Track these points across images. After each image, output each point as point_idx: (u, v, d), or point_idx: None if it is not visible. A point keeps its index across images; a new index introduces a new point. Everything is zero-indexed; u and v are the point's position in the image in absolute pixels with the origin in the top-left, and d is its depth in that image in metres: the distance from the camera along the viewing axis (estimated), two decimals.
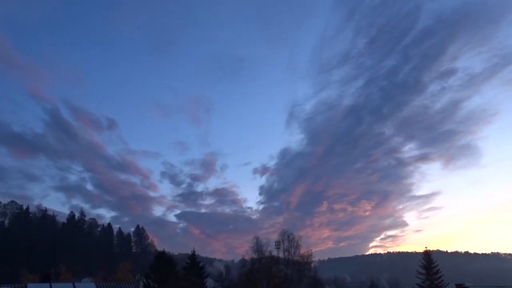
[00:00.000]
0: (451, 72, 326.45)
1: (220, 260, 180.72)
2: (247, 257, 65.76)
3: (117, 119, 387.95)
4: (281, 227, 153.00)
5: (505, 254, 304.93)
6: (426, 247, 73.42)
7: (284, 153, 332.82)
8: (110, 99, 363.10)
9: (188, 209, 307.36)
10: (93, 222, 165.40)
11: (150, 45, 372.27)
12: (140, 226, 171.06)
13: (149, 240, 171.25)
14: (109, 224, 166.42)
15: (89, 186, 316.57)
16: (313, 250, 67.81)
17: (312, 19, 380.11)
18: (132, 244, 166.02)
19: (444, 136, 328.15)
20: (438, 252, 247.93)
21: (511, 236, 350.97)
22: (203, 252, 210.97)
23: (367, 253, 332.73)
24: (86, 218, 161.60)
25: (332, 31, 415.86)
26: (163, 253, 64.38)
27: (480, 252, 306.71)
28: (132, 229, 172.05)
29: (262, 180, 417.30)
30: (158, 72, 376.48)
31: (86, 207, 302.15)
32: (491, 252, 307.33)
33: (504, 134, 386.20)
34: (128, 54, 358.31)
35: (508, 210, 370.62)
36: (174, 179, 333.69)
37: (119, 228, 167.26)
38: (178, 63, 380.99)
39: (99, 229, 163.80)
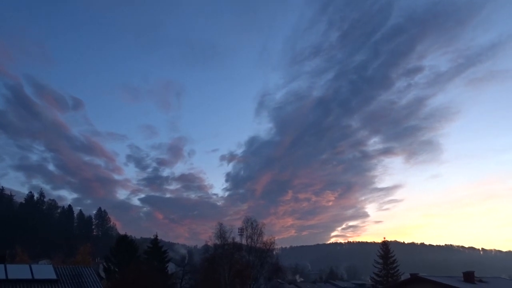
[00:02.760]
0: (418, 70, 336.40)
1: (183, 245, 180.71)
2: (210, 243, 65.92)
3: (84, 99, 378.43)
4: (246, 214, 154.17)
5: (457, 246, 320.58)
6: (384, 238, 76.14)
7: (252, 141, 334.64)
8: (77, 79, 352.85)
9: (153, 194, 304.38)
10: (53, 204, 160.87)
11: (122, 27, 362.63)
12: (102, 209, 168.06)
13: (111, 223, 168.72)
14: (69, 206, 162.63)
15: (51, 167, 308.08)
16: (276, 238, 68.79)
17: (286, 11, 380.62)
18: (93, 227, 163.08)
19: (408, 132, 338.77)
20: (396, 243, 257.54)
21: (464, 229, 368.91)
22: (166, 237, 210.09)
23: (328, 242, 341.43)
24: (46, 199, 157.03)
25: (306, 24, 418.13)
26: (125, 237, 63.63)
27: (435, 244, 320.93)
28: (94, 212, 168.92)
29: (229, 167, 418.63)
30: (129, 55, 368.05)
31: (46, 188, 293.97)
32: (445, 244, 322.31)
33: (464, 132, 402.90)
34: (99, 34, 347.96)
35: (463, 205, 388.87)
36: (140, 163, 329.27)
37: (80, 211, 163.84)
38: (150, 47, 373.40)
39: (59, 210, 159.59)
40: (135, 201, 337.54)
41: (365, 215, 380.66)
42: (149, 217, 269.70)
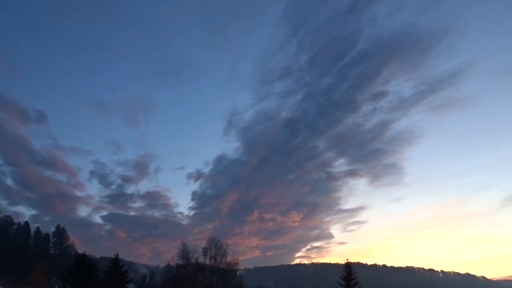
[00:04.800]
0: (383, 95, 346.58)
1: (145, 265, 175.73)
2: (172, 263, 64.75)
3: (48, 112, 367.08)
4: (211, 234, 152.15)
5: (418, 268, 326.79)
6: (347, 259, 76.83)
7: (220, 160, 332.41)
8: (42, 91, 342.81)
9: (116, 211, 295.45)
10: (9, 220, 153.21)
11: (92, 40, 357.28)
12: (61, 226, 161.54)
13: (70, 241, 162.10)
14: (26, 222, 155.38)
15: (9, 181, 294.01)
16: (240, 258, 68.28)
17: (258, 32, 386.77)
18: (50, 245, 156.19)
19: (373, 154, 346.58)
20: (359, 264, 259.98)
21: (424, 251, 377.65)
22: (127, 256, 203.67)
23: (293, 263, 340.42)
24: (1, 215, 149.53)
25: (276, 45, 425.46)
26: (83, 256, 61.48)
27: (396, 266, 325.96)
28: (53, 229, 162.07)
29: (195, 186, 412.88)
30: (98, 68, 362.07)
31: (3, 203, 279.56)
32: (406, 266, 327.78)
33: (425, 156, 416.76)
34: (67, 47, 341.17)
35: (423, 228, 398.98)
36: (104, 179, 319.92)
37: (37, 228, 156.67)
38: (119, 61, 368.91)
39: (14, 227, 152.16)
40: (97, 218, 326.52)
41: (330, 236, 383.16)
42: (110, 235, 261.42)
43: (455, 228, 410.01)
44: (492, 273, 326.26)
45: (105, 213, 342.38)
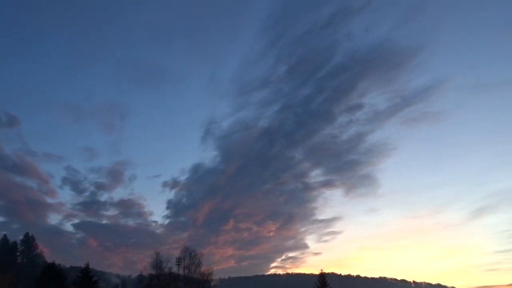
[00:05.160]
0: (358, 107, 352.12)
1: (117, 275, 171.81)
2: (145, 273, 63.49)
3: (20, 116, 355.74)
4: (185, 243, 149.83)
5: (390, 278, 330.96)
6: (322, 270, 77.11)
7: (196, 168, 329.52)
8: (14, 94, 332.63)
9: (88, 219, 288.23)
10: None
11: (68, 45, 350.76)
12: (30, 234, 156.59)
13: (39, 250, 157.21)
14: None
15: None
16: (215, 268, 67.57)
17: (238, 42, 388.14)
18: (18, 254, 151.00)
19: (348, 165, 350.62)
20: (333, 274, 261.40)
21: (397, 262, 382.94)
22: (99, 265, 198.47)
23: (268, 273, 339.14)
24: None
25: (255, 56, 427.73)
26: (52, 265, 59.74)
27: (370, 276, 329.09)
28: (21, 237, 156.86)
29: (171, 194, 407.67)
30: (73, 73, 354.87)
31: None
32: (379, 276, 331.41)
33: (399, 168, 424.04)
34: (42, 50, 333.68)
35: (397, 238, 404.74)
36: (76, 186, 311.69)
37: (5, 235, 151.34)
38: (96, 67, 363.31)
39: None
40: (68, 226, 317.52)
41: (305, 246, 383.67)
42: (82, 244, 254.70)
43: (427, 239, 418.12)
44: (462, 284, 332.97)
45: (76, 221, 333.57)
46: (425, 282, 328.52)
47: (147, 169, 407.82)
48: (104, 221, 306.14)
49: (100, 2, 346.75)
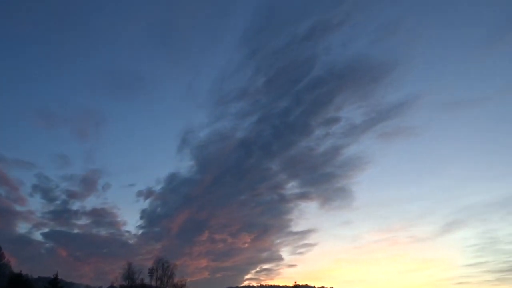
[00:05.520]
0: (335, 120, 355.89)
1: (87, 286, 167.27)
2: (116, 284, 62.20)
3: None
4: (159, 254, 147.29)
5: None
6: (295, 282, 77.24)
7: (172, 178, 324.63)
8: None
9: (58, 228, 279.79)
10: None
11: (42, 49, 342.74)
12: None
13: (5, 259, 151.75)
14: None
15: None
16: (188, 280, 66.76)
17: (217, 52, 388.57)
18: None
19: (324, 178, 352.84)
20: (307, 286, 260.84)
21: (371, 274, 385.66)
22: (68, 276, 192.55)
23: (241, 285, 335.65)
24: None
25: (234, 66, 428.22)
26: (19, 276, 58.05)
27: None
28: None
29: (145, 204, 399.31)
30: (47, 79, 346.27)
31: None
32: None
33: (374, 181, 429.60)
34: (14, 54, 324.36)
35: (370, 251, 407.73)
36: (47, 194, 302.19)
37: None
38: (71, 72, 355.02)
39: None
40: (37, 235, 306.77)
41: (279, 258, 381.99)
42: (51, 254, 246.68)
43: (400, 252, 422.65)
44: None
45: (46, 230, 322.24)
46: None
47: (122, 178, 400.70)
48: (76, 231, 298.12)
49: (77, 7, 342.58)
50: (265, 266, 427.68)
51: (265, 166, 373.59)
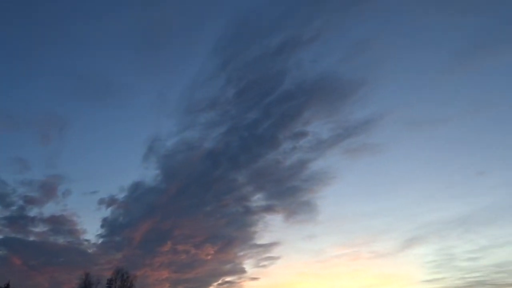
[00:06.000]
0: (302, 135, 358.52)
1: None
2: None
3: None
4: (119, 264, 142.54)
5: None
6: None
7: (136, 186, 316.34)
8: None
9: (13, 235, 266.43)
10: None
11: (6, 49, 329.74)
12: None
13: None
14: None
15: None
16: None
17: (188, 61, 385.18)
18: None
19: (290, 191, 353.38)
20: None
21: None
22: (21, 286, 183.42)
23: None
24: None
25: (205, 76, 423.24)
26: None
27: None
28: None
29: (107, 212, 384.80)
30: (8, 80, 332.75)
31: None
32: None
33: (338, 196, 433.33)
34: None
35: (333, 266, 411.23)
36: (3, 199, 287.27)
37: None
38: (36, 75, 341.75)
39: None
40: None
41: (242, 271, 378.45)
42: (3, 262, 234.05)
43: (362, 267, 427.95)
44: None
45: (0, 236, 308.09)
46: None
47: (84, 185, 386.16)
48: (32, 238, 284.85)
49: (45, 7, 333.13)
50: (228, 279, 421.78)
51: (232, 177, 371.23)
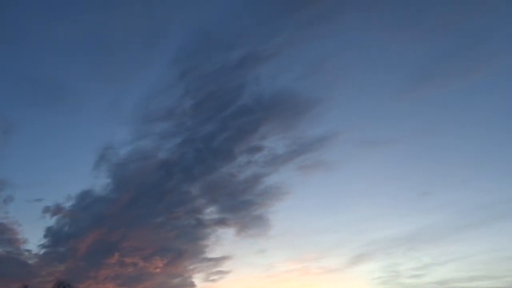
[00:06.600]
0: (258, 149, 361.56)
1: None
2: None
3: None
4: (61, 276, 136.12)
5: None
6: None
7: (85, 195, 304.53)
8: None
9: None
10: None
11: None
12: None
13: None
14: None
15: None
16: None
17: (147, 69, 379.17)
18: None
19: (243, 205, 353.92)
20: None
21: None
22: None
23: None
24: None
25: (163, 86, 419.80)
26: None
27: None
28: None
29: (51, 221, 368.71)
30: None
31: None
32: None
33: (290, 212, 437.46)
34: None
35: (283, 281, 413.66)
36: None
37: None
38: None
39: None
40: None
41: (191, 285, 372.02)
42: None
43: (311, 282, 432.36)
44: None
45: None
46: None
47: (28, 192, 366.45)
48: None
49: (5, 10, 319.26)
50: None
51: (185, 189, 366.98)
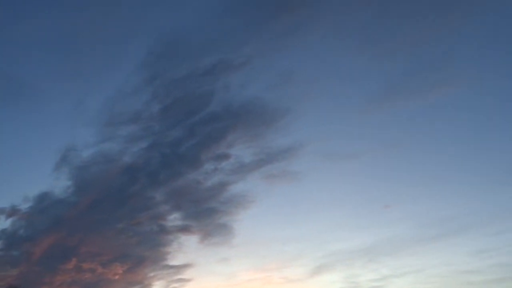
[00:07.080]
0: (225, 157, 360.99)
1: None
2: None
3: None
4: (13, 281, 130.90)
5: None
6: None
7: (43, 197, 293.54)
8: None
9: None
10: None
11: None
12: None
13: None
14: None
15: None
16: None
17: (114, 71, 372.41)
18: None
19: (207, 213, 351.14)
20: None
21: None
22: None
23: None
24: None
25: (130, 89, 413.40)
26: None
27: None
28: None
29: (6, 223, 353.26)
30: None
31: None
32: None
33: (255, 220, 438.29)
34: None
35: None
36: None
37: None
38: None
39: None
40: None
41: None
42: None
43: None
44: None
45: None
46: None
47: None
48: None
49: None
50: None
51: (149, 194, 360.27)
